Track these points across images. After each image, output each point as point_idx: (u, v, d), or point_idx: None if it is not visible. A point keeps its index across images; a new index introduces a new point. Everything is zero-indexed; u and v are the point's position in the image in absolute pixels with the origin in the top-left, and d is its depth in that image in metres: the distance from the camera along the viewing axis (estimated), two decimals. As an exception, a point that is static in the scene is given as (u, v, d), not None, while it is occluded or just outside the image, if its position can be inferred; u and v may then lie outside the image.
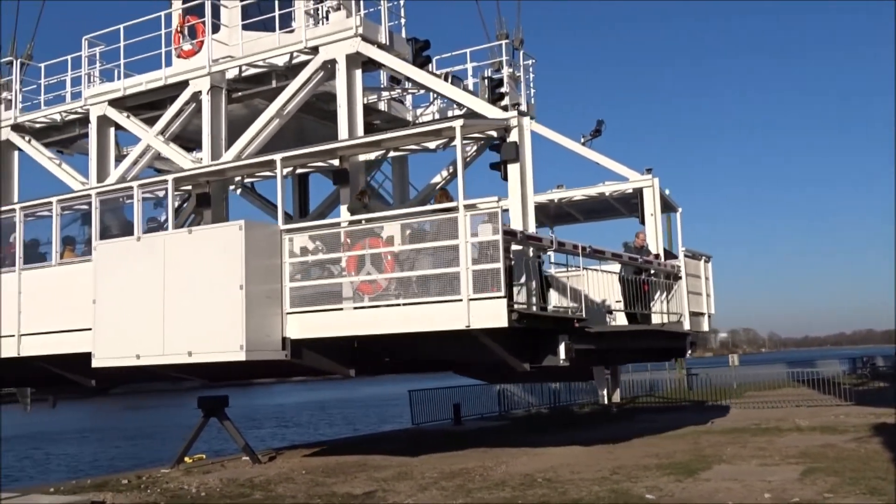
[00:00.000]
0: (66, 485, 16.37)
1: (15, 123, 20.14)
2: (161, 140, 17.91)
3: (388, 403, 71.76)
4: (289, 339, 14.16)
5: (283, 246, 14.23)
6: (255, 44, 17.35)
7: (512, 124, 14.37)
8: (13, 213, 17.38)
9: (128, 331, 14.68)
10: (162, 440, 43.90)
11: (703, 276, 20.15)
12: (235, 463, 18.50)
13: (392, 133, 15.31)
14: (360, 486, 14.38)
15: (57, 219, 16.74)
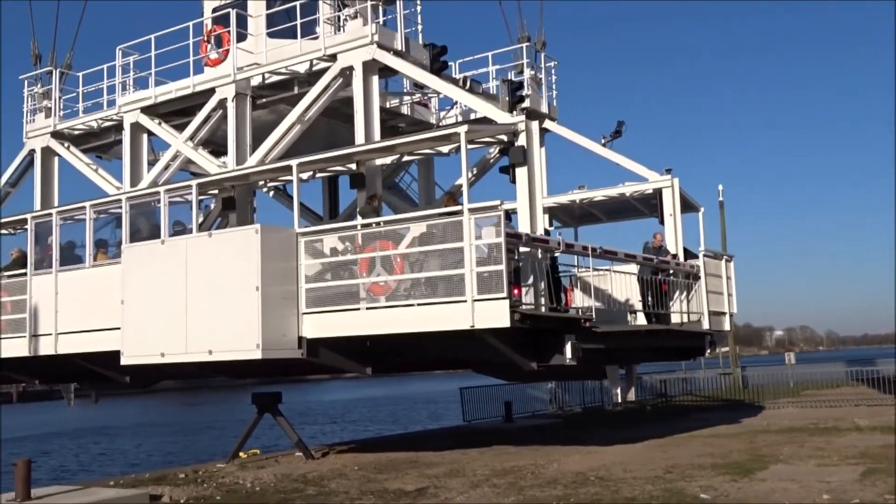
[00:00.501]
0: (126, 478, 16.76)
1: (55, 131, 21.03)
2: (190, 146, 18.58)
3: (439, 401, 72.20)
4: (305, 339, 14.69)
5: (298, 249, 14.76)
6: (278, 51, 17.93)
7: (520, 128, 14.66)
8: (50, 217, 18.21)
9: (153, 330, 15.35)
10: (217, 436, 45.00)
11: (724, 276, 20.22)
12: (289, 458, 18.66)
13: (401, 139, 15.72)
14: (411, 482, 14.47)
15: (90, 222, 17.50)
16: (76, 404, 24.56)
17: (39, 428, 59.43)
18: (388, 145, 15.47)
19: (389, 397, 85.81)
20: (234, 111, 17.95)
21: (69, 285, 17.61)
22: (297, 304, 14.62)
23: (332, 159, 15.97)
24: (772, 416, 24.13)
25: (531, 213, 14.68)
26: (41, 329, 17.88)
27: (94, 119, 20.58)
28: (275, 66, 17.86)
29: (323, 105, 17.28)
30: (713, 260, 19.97)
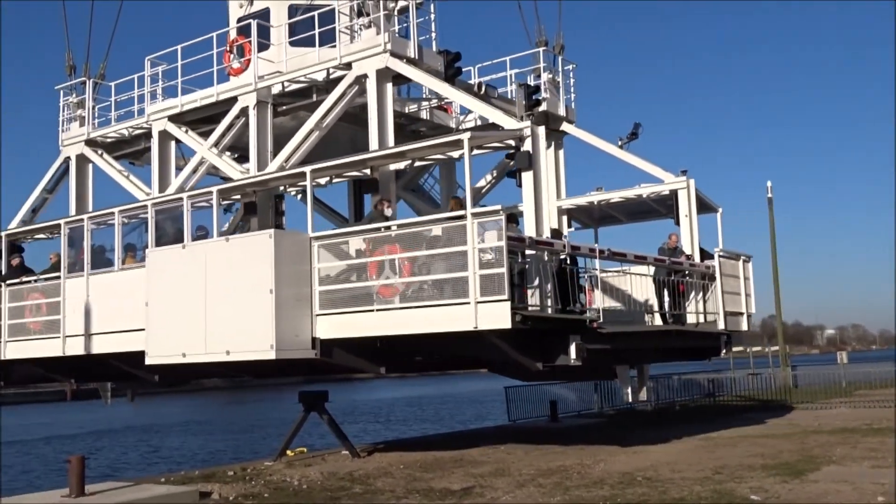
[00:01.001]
0: (176, 475, 16.99)
1: (88, 139, 21.86)
2: (215, 152, 19.22)
3: (483, 400, 72.32)
4: (318, 339, 15.20)
5: (312, 252, 15.27)
6: (297, 60, 18.49)
7: (525, 134, 14.99)
8: (82, 223, 18.99)
9: (175, 331, 15.99)
10: (264, 434, 45.59)
11: (741, 277, 20.32)
12: (335, 457, 18.74)
13: (408, 145, 16.14)
14: (457, 481, 14.51)
15: (118, 227, 18.23)
16: (113, 403, 25.33)
17: (92, 425, 60.91)
18: (398, 151, 15.91)
19: (434, 396, 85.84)
20: (255, 119, 18.54)
21: (100, 288, 18.35)
22: (310, 305, 15.13)
23: (345, 165, 16.46)
24: (823, 416, 23.87)
25: (537, 217, 15.00)
26: (74, 330, 18.65)
27: (126, 127, 21.35)
28: (294, 74, 18.41)
29: (340, 112, 17.78)
30: (730, 260, 20.09)
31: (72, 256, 19.28)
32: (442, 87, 17.13)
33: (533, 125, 15.26)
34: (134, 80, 21.07)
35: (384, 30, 17.06)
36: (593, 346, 14.83)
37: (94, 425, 61.46)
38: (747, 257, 20.84)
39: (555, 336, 14.54)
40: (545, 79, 21.33)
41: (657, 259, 18.13)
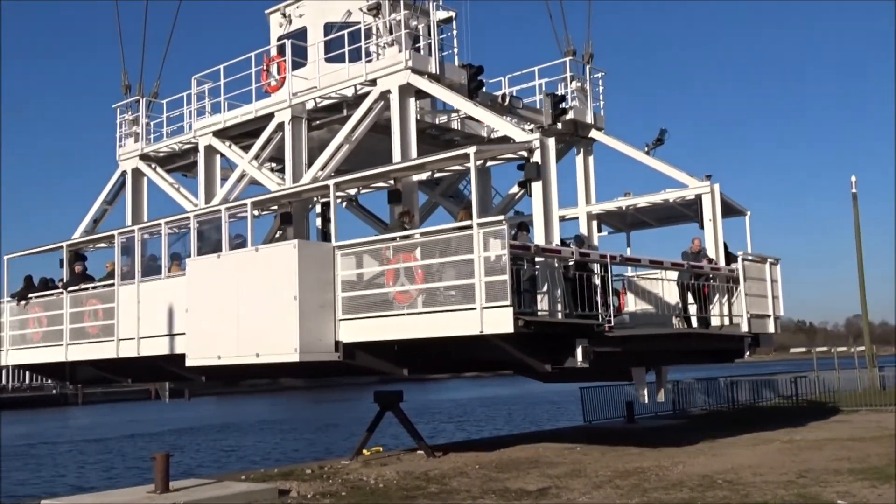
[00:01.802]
0: (256, 473, 17.50)
1: (142, 154, 23.29)
2: (255, 165, 20.36)
3: (557, 400, 72.28)
4: (341, 343, 16.12)
5: (335, 261, 16.20)
6: (329, 77, 19.48)
7: (535, 146, 15.64)
8: (133, 233, 20.35)
9: (211, 335, 17.13)
10: (340, 433, 47.06)
11: (768, 279, 20.55)
12: (410, 456, 19.02)
13: (416, 160, 16.95)
14: (533, 481, 14.56)
15: (165, 237, 19.50)
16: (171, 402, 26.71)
17: (174, 423, 63.15)
18: (410, 165, 16.76)
19: (507, 397, 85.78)
20: (290, 133, 19.60)
21: (149, 294, 19.63)
22: (333, 311, 16.07)
23: (367, 178, 17.39)
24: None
25: (546, 225, 15.63)
26: (126, 333, 20.00)
27: (176, 142, 22.70)
28: (326, 91, 19.40)
29: (368, 126, 18.68)
30: (755, 264, 20.36)
31: (126, 264, 20.65)
32: (458, 100, 17.87)
33: (542, 137, 15.90)
34: (183, 97, 22.41)
35: (405, 47, 17.90)
36: (602, 349, 15.40)
37: (177, 423, 63.68)
38: (775, 260, 21.06)
39: (563, 339, 15.18)
40: (574, 87, 21.92)
41: (674, 263, 18.56)
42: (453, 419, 54.98)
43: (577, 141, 22.12)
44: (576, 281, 15.75)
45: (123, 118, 23.74)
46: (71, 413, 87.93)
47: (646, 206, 21.32)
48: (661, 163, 21.03)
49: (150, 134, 23.80)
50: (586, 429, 25.63)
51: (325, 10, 20.81)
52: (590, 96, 22.03)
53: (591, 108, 22.04)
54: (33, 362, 23.20)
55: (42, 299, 22.52)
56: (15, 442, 53.75)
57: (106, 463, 37.84)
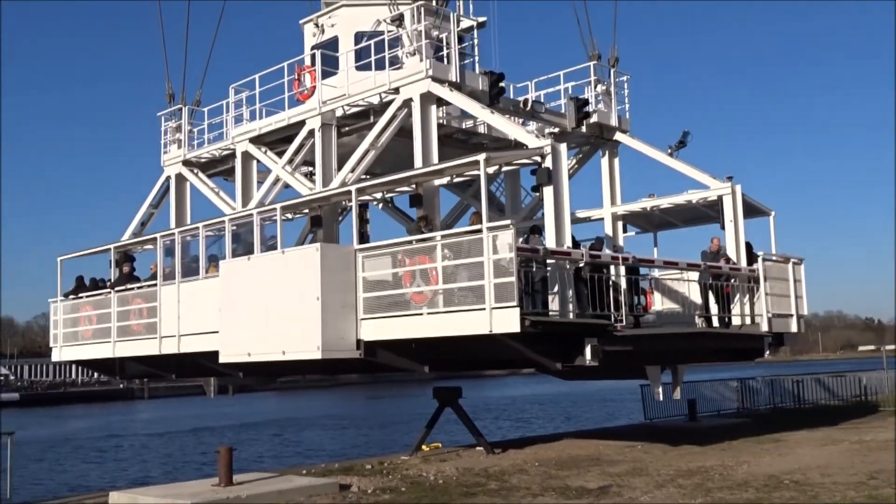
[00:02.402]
0: (317, 468, 17.86)
1: (185, 159, 24.38)
2: (288, 170, 21.23)
3: (615, 398, 71.82)
4: (362, 341, 16.88)
5: (357, 263, 16.96)
6: (356, 85, 20.24)
7: (546, 152, 16.17)
8: (173, 236, 21.40)
9: (242, 333, 18.05)
10: (399, 429, 47.39)
11: (791, 279, 20.74)
12: (470, 453, 19.15)
13: (427, 168, 17.60)
14: (593, 479, 14.52)
15: (202, 240, 20.49)
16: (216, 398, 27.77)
17: (236, 419, 64.72)
18: (429, 171, 17.43)
19: (566, 394, 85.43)
20: (320, 140, 20.41)
21: (188, 294, 20.66)
22: (355, 311, 16.83)
23: (387, 183, 18.14)
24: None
25: (557, 229, 16.14)
26: (168, 331, 21.07)
27: (215, 149, 23.72)
28: (353, 99, 20.17)
29: (392, 132, 19.35)
30: (778, 264, 20.58)
31: (167, 266, 21.72)
32: (475, 108, 18.44)
33: (554, 143, 16.40)
34: (223, 105, 23.41)
35: (426, 56, 18.56)
36: (612, 348, 15.88)
37: (239, 418, 65.34)
38: (798, 260, 21.23)
39: (573, 338, 15.70)
40: (599, 90, 22.35)
41: (690, 264, 18.91)
42: (512, 416, 54.89)
43: (602, 143, 22.54)
44: (592, 281, 16.24)
45: (168, 125, 24.84)
46: (137, 407, 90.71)
47: (669, 206, 21.64)
48: (684, 164, 21.34)
49: (193, 140, 24.85)
50: (647, 426, 25.39)
51: (355, 20, 21.55)
52: (614, 99, 22.41)
53: (616, 111, 22.43)
54: (84, 358, 24.51)
55: (92, 298, 23.76)
56: (84, 435, 55.86)
57: (169, 456, 39.09)
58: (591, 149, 22.95)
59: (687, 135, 21.59)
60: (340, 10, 21.84)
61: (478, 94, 19.31)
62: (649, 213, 22.63)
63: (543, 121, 21.39)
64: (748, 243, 20.61)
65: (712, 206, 21.20)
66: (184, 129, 24.31)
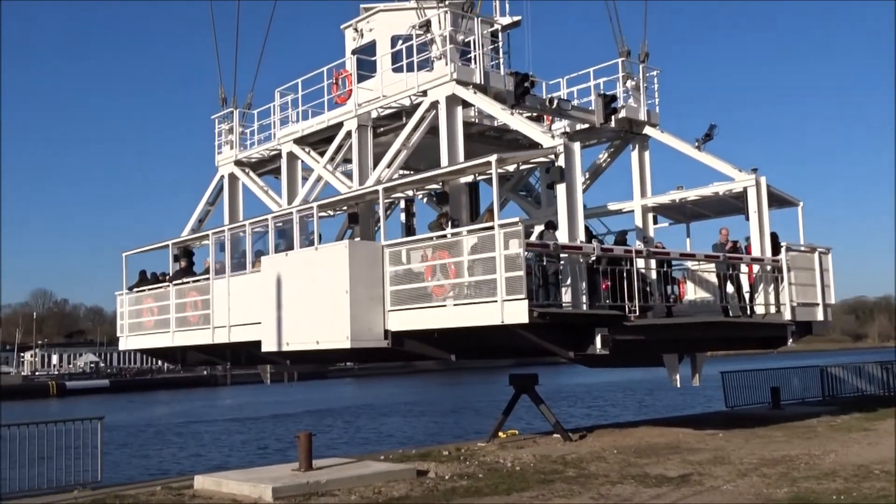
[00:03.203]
0: (394, 453, 18.21)
1: (237, 160, 25.85)
2: (329, 169, 22.44)
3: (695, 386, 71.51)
4: (390, 331, 17.97)
5: (384, 258, 18.04)
6: (389, 87, 21.30)
7: (559, 151, 16.96)
8: (223, 233, 22.86)
9: (281, 324, 19.33)
10: (476, 415, 48.39)
11: (817, 269, 21.08)
12: (547, 440, 19.16)
13: (447, 168, 18.56)
14: (673, 468, 14.37)
15: (249, 236, 21.86)
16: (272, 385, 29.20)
17: (315, 405, 66.59)
18: (450, 171, 18.38)
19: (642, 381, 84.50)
20: (356, 140, 21.58)
21: (237, 287, 22.08)
22: (382, 303, 17.93)
23: (411, 183, 19.16)
24: None
25: (570, 224, 16.95)
26: (219, 322, 22.55)
27: (264, 149, 25.11)
28: (386, 101, 21.25)
29: (422, 132, 20.34)
30: (804, 254, 20.94)
31: (219, 261, 23.20)
32: (495, 109, 19.29)
33: (567, 142, 17.18)
34: (270, 108, 24.77)
35: (450, 60, 19.50)
36: (624, 337, 16.64)
37: (317, 404, 67.18)
38: (826, 249, 21.53)
39: (585, 328, 16.51)
40: (629, 86, 22.94)
41: (707, 256, 19.47)
42: (588, 403, 55.29)
43: (632, 137, 23.13)
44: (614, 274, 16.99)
45: (221, 128, 26.34)
46: (220, 393, 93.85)
47: (697, 198, 22.12)
48: (711, 157, 21.80)
49: (245, 140, 26.30)
50: (728, 414, 24.94)
51: (391, 24, 22.59)
52: (643, 94, 22.97)
53: (646, 106, 22.97)
54: (147, 347, 26.27)
55: (152, 291, 25.46)
56: (167, 420, 58.42)
57: (248, 442, 40.76)
58: (623, 143, 23.55)
59: (713, 128, 22.04)
60: (377, 15, 22.90)
61: (504, 95, 20.18)
62: (681, 205, 23.11)
63: (571, 117, 22.12)
64: (774, 234, 21.04)
65: (738, 197, 21.62)
66: (235, 131, 25.76)
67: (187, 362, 27.67)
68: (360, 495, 13.48)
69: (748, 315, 20.08)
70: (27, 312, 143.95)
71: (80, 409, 64.82)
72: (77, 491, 15.26)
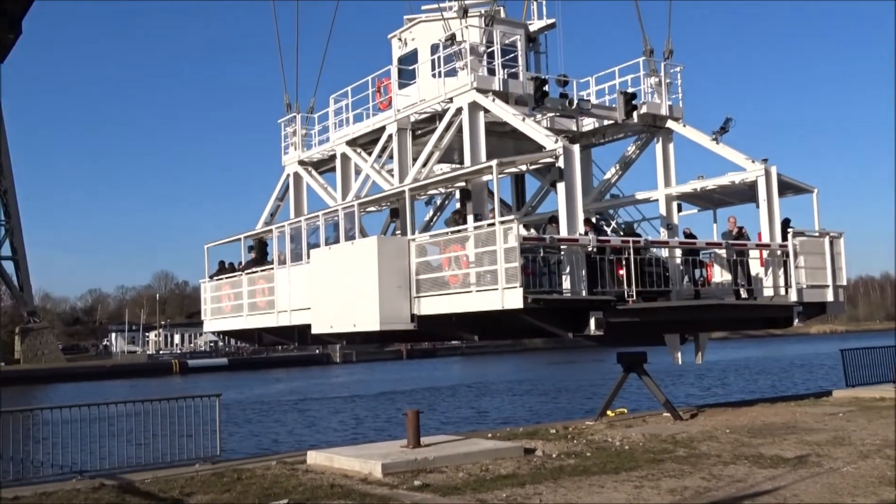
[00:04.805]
0: (502, 431, 18.76)
1: (300, 160, 28.61)
2: (376, 168, 24.89)
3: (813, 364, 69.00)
4: (416, 315, 20.30)
5: (410, 251, 20.35)
6: (424, 94, 23.52)
7: (558, 153, 18.86)
8: (283, 228, 25.64)
9: (326, 309, 21.95)
10: (583, 394, 49.45)
11: (827, 252, 22.27)
12: (656, 419, 19.21)
13: (459, 171, 20.79)
14: (790, 448, 14.02)
15: (304, 230, 24.54)
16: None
17: (422, 383, 69.27)
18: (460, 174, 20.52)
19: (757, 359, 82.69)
20: (396, 143, 23.93)
21: (295, 276, 24.83)
22: (409, 290, 20.26)
23: (435, 182, 21.38)
24: None
25: (569, 219, 18.85)
26: (282, 307, 25.38)
27: (321, 150, 27.77)
28: (421, 107, 23.49)
29: (453, 134, 22.49)
30: (813, 238, 22.18)
31: (282, 252, 26.01)
32: (508, 115, 21.21)
33: (567, 144, 19.05)
34: (327, 113, 27.37)
35: (471, 70, 21.58)
36: (618, 319, 18.50)
37: (425, 382, 69.86)
38: (837, 234, 22.67)
39: (582, 312, 18.45)
40: (652, 82, 24.49)
41: (709, 243, 21.05)
42: (699, 382, 54.94)
43: (657, 131, 24.68)
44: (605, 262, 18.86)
45: (287, 131, 29.12)
46: (332, 371, 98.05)
47: (714, 187, 23.55)
48: (726, 148, 23.20)
49: (310, 141, 29.00)
50: (849, 393, 24.37)
51: (430, 33, 24.72)
52: (664, 90, 24.44)
53: (669, 101, 24.45)
54: (226, 329, 29.44)
55: (229, 279, 28.56)
56: (282, 397, 62.07)
57: (356, 418, 43.04)
58: (649, 136, 25.11)
59: (729, 121, 23.36)
60: (418, 25, 25.10)
61: (525, 99, 22.16)
62: (706, 193, 24.54)
63: (593, 115, 23.87)
64: (787, 220, 22.35)
65: (752, 186, 22.96)
66: (298, 133, 28.49)
67: (262, 343, 30.69)
68: (467, 472, 13.82)
69: (753, 298, 21.49)
70: (150, 294, 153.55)
71: (201, 387, 69.46)
72: (199, 465, 16.37)
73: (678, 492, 11.74)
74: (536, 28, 25.96)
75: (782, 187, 22.64)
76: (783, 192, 22.90)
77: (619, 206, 26.21)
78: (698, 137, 23.88)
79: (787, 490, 11.24)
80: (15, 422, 15.63)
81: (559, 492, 12.21)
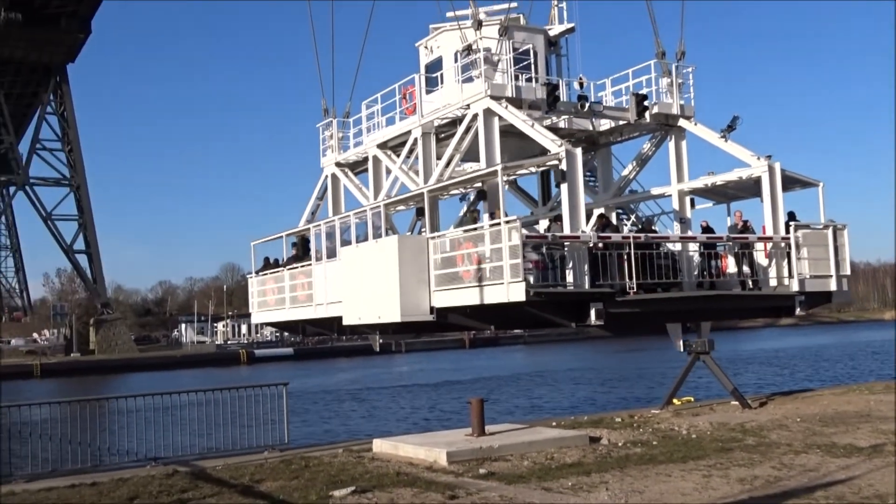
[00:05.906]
0: (566, 420, 18.67)
1: (337, 162, 30.48)
2: (404, 169, 26.59)
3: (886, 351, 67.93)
4: (434, 307, 21.96)
5: (429, 248, 22.00)
6: (446, 99, 25.12)
7: (561, 157, 20.30)
8: (319, 227, 27.54)
9: (355, 301, 23.76)
10: (646, 382, 49.86)
11: (830, 244, 23.26)
12: (724, 407, 18.97)
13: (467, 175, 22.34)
14: (864, 437, 13.81)
15: (338, 229, 26.39)
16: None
17: (484, 372, 70.44)
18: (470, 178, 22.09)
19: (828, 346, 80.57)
20: (421, 146, 25.59)
21: (331, 272, 26.71)
22: (428, 284, 21.93)
23: (453, 183, 22.99)
24: None
25: (572, 217, 20.28)
26: (319, 300, 27.30)
27: (356, 153, 29.59)
28: (443, 112, 25.10)
29: (471, 138, 24.07)
30: (815, 231, 23.20)
31: (319, 249, 27.92)
32: (518, 121, 22.65)
33: (569, 148, 20.48)
34: (360, 117, 29.17)
35: (486, 78, 23.12)
36: (619, 310, 19.90)
37: (486, 371, 71.04)
38: (841, 226, 23.63)
39: (584, 303, 19.90)
40: (664, 83, 25.70)
41: (709, 237, 22.22)
42: (768, 370, 54.53)
43: (669, 129, 25.88)
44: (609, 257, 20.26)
45: (325, 135, 31.02)
46: (395, 361, 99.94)
47: (723, 183, 24.68)
48: (734, 145, 24.32)
49: (348, 143, 30.84)
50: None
51: (454, 41, 26.31)
52: (676, 90, 25.61)
53: (680, 101, 25.62)
54: (270, 321, 31.54)
55: (273, 274, 30.61)
56: (346, 386, 63.96)
57: (418, 407, 44.36)
58: (664, 134, 26.32)
59: (736, 119, 24.45)
60: (443, 34, 26.70)
61: (538, 103, 23.60)
62: (718, 188, 25.67)
63: (606, 116, 25.19)
64: (792, 213, 23.41)
65: (758, 181, 24.04)
66: (334, 137, 30.35)
67: (306, 333, 32.72)
68: (532, 461, 13.96)
69: (758, 288, 22.62)
70: (218, 286, 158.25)
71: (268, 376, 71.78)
72: (267, 452, 17.11)
73: (748, 481, 11.59)
74: (557, 32, 27.33)
75: (789, 182, 23.71)
76: (790, 186, 23.98)
77: (637, 201, 27.49)
78: (708, 135, 25.01)
79: (861, 480, 11.03)
80: (92, 410, 16.64)
81: (626, 480, 12.11)
